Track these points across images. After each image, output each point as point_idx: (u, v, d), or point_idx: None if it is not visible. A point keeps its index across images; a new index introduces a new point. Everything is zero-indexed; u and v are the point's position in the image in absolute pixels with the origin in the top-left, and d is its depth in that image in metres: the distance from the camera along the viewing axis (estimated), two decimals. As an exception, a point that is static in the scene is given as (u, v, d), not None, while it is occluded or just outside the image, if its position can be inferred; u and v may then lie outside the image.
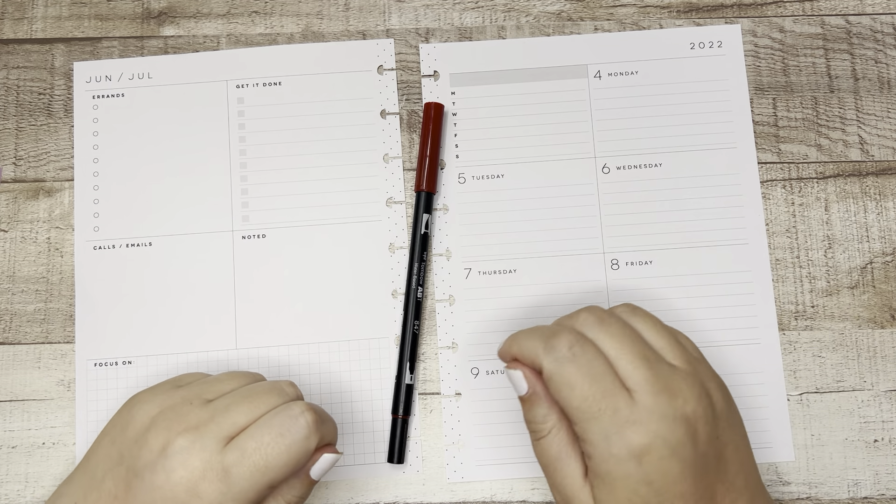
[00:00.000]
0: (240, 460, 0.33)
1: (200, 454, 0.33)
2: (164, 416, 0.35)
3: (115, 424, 0.36)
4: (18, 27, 0.48)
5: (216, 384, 0.37)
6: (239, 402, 0.35)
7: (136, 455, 0.34)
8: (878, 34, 0.47)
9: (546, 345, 0.34)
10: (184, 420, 0.34)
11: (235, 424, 0.34)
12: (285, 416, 0.34)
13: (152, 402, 0.36)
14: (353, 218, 0.46)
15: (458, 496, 0.43)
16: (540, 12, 0.48)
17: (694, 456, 0.33)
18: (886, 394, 0.44)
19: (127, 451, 0.35)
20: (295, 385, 0.37)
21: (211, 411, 0.35)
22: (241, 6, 0.48)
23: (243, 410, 0.35)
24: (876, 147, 0.46)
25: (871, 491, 0.43)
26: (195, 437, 0.34)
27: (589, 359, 0.33)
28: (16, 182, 0.46)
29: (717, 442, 0.34)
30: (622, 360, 0.33)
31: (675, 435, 0.32)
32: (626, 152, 0.46)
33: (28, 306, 0.45)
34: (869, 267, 0.45)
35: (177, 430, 0.34)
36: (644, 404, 0.33)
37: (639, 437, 0.32)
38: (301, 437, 0.34)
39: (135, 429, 0.35)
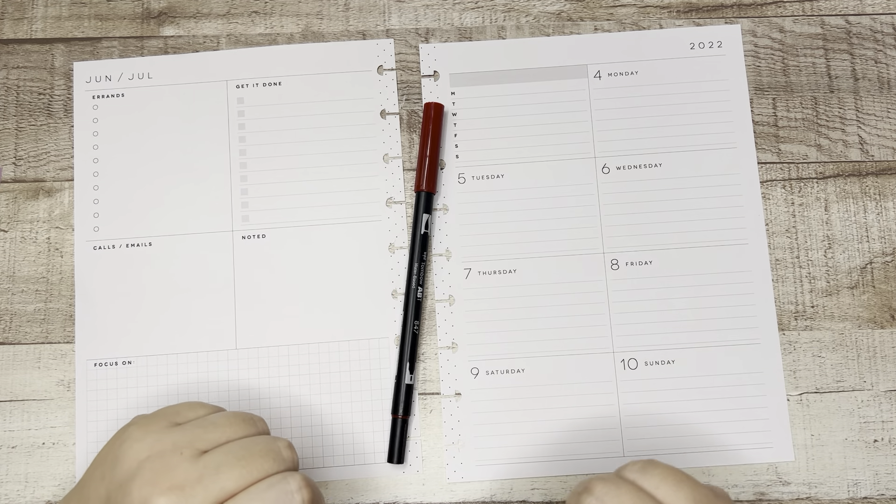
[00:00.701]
0: None
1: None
2: (152, 464, 0.33)
3: (107, 458, 0.35)
4: (18, 27, 0.48)
5: (212, 430, 0.34)
6: (231, 463, 0.32)
7: (121, 500, 0.32)
8: (878, 34, 0.47)
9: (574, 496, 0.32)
10: (169, 476, 0.32)
11: (224, 490, 0.32)
12: (280, 490, 0.32)
13: (142, 441, 0.34)
14: (353, 218, 0.46)
15: (458, 496, 0.43)
16: (540, 12, 0.48)
17: None
18: (886, 394, 0.44)
19: (113, 496, 0.33)
20: (293, 448, 0.35)
21: (200, 469, 0.32)
22: (241, 6, 0.48)
23: (234, 475, 0.32)
24: (876, 147, 0.46)
25: (870, 491, 0.43)
26: (179, 499, 0.31)
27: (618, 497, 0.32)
28: (16, 182, 0.46)
29: None
30: None
31: None
32: (626, 152, 0.46)
33: (28, 306, 0.45)
34: (869, 267, 0.45)
35: (161, 489, 0.32)
36: None
37: None
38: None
39: (122, 471, 0.33)
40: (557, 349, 0.44)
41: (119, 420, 0.44)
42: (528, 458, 0.43)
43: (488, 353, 0.44)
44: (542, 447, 0.43)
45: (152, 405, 0.43)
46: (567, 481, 0.43)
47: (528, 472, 0.43)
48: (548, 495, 0.43)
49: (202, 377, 0.44)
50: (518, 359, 0.44)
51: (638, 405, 0.44)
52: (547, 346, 0.44)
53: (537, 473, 0.43)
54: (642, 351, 0.44)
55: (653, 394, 0.44)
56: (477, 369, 0.44)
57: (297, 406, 0.44)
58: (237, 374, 0.44)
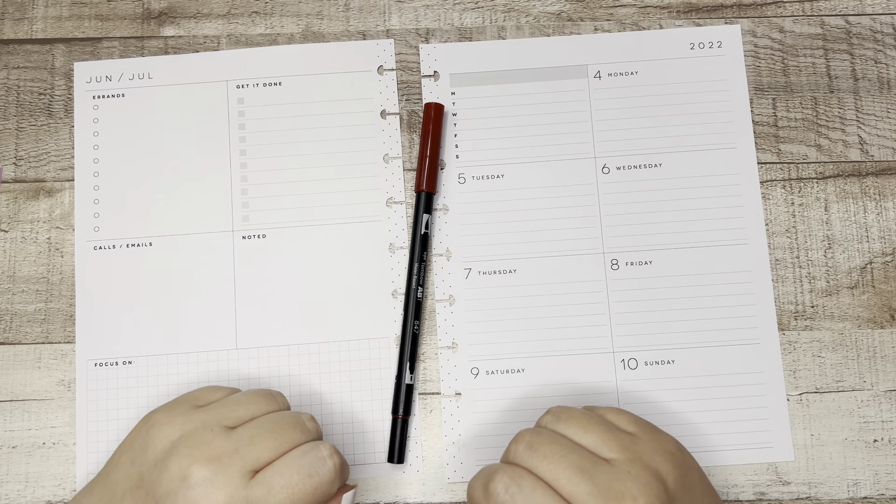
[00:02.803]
0: (265, 497, 0.33)
1: (224, 487, 0.33)
2: (185, 442, 0.34)
3: (134, 444, 0.36)
4: (18, 27, 0.48)
5: (236, 408, 0.36)
6: (263, 435, 0.34)
7: (156, 480, 0.34)
8: (878, 34, 0.47)
9: (485, 491, 0.34)
10: (206, 449, 0.34)
11: (259, 459, 0.34)
12: (314, 457, 0.34)
13: (171, 424, 0.35)
14: (353, 218, 0.46)
15: (458, 496, 0.43)
16: (540, 12, 0.48)
17: None
18: (886, 394, 0.44)
19: (147, 475, 0.34)
20: (315, 420, 0.37)
21: (234, 442, 0.34)
22: (241, 6, 0.48)
23: (268, 446, 0.34)
24: (876, 147, 0.46)
25: (870, 491, 0.43)
26: (218, 468, 0.33)
27: (526, 495, 0.33)
28: (16, 182, 0.46)
29: None
30: (561, 480, 0.33)
31: None
32: (626, 152, 0.46)
33: (28, 306, 0.45)
34: (869, 267, 0.45)
35: (199, 460, 0.33)
36: None
37: None
38: (328, 480, 0.34)
39: (154, 452, 0.35)
40: (557, 349, 0.44)
41: (119, 420, 0.44)
42: (528, 457, 0.43)
43: (488, 353, 0.44)
44: (542, 447, 0.43)
45: (152, 405, 0.43)
46: (567, 481, 0.43)
47: (528, 472, 0.43)
48: (548, 495, 0.43)
49: (202, 377, 0.44)
50: (518, 359, 0.44)
51: (638, 405, 0.44)
52: (547, 346, 0.44)
53: (537, 473, 0.43)
54: (642, 351, 0.44)
55: (653, 394, 0.44)
56: (477, 369, 0.44)
57: (298, 406, 0.44)
58: (237, 374, 0.44)
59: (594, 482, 0.33)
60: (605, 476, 0.33)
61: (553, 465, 0.33)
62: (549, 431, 0.35)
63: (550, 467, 0.33)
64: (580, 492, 0.32)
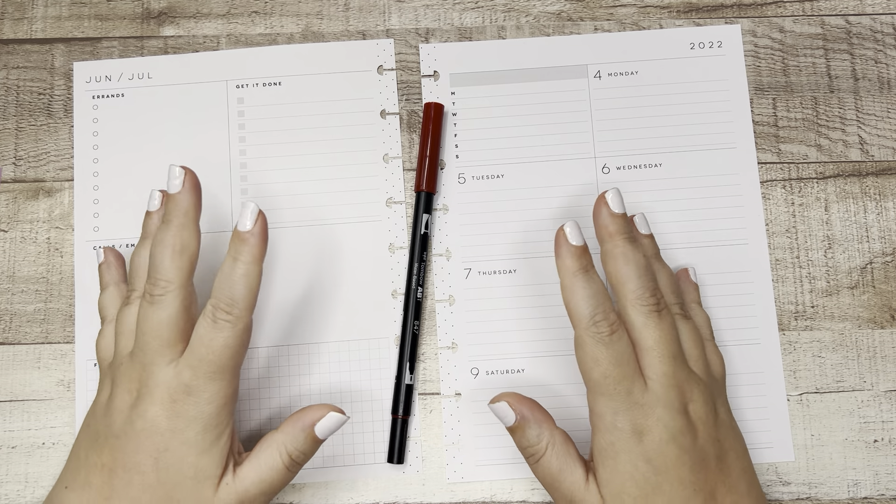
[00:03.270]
0: (194, 374, 0.36)
1: (158, 388, 0.36)
2: (115, 384, 0.37)
3: (87, 415, 0.39)
4: (18, 27, 0.48)
5: (122, 339, 0.38)
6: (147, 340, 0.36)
7: (109, 423, 0.37)
8: (878, 34, 0.47)
9: (591, 319, 0.37)
10: (129, 378, 0.37)
11: (164, 355, 0.36)
12: (207, 324, 0.36)
13: (104, 385, 0.39)
14: (353, 218, 0.46)
15: (458, 496, 0.43)
16: (540, 12, 0.48)
17: (693, 447, 0.36)
18: (886, 394, 0.44)
19: (101, 425, 0.37)
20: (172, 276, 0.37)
21: (139, 359, 0.37)
22: (241, 6, 0.48)
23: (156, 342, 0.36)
24: (876, 147, 0.46)
25: (870, 491, 0.43)
26: (144, 381, 0.36)
27: (622, 347, 0.36)
28: (16, 182, 0.46)
29: (717, 444, 0.37)
30: (653, 353, 0.37)
31: (675, 423, 0.36)
32: (626, 152, 0.46)
33: (28, 306, 0.45)
34: (869, 267, 0.45)
35: (129, 388, 0.36)
36: (655, 392, 0.36)
37: (642, 417, 0.36)
38: (229, 331, 0.36)
39: (101, 407, 0.38)
40: (557, 349, 0.44)
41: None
42: (528, 458, 0.43)
43: (488, 353, 0.44)
44: (542, 447, 0.43)
45: (152, 405, 0.43)
46: (567, 481, 0.43)
47: (528, 472, 0.43)
48: (547, 495, 0.43)
49: (202, 377, 0.44)
50: (518, 359, 0.44)
51: (638, 405, 0.44)
52: (547, 346, 0.44)
53: (537, 473, 0.43)
54: (642, 351, 0.44)
55: (653, 394, 0.44)
56: (477, 369, 0.44)
57: (298, 406, 0.44)
58: (237, 374, 0.44)
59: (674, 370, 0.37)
60: (684, 374, 0.37)
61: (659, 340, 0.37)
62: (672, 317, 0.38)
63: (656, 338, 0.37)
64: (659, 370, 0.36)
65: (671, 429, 0.36)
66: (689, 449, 0.36)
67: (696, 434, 0.36)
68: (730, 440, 0.38)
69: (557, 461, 0.37)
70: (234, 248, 0.37)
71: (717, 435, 0.37)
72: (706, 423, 0.37)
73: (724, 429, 0.38)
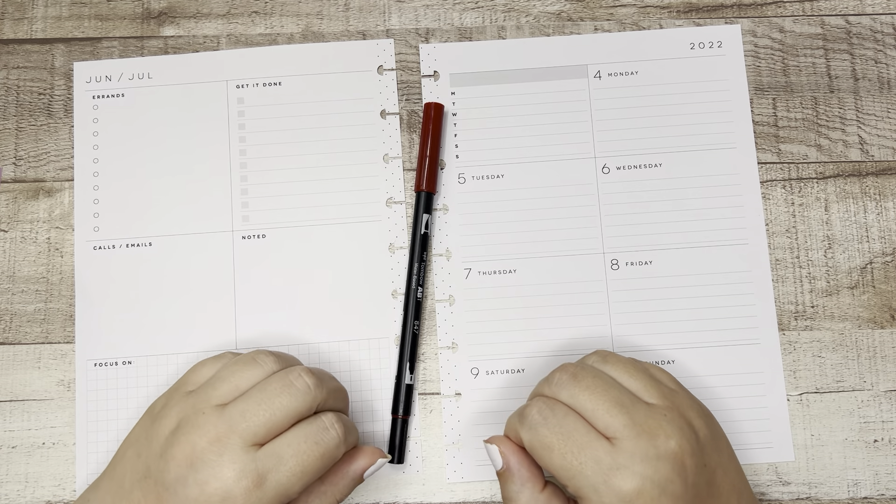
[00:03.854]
0: (276, 466, 0.34)
1: (231, 464, 0.34)
2: (183, 429, 0.35)
3: (139, 437, 0.37)
4: (18, 27, 0.48)
5: (221, 385, 0.36)
6: (252, 408, 0.35)
7: (163, 469, 0.34)
8: (878, 34, 0.47)
9: (520, 416, 0.36)
10: (204, 432, 0.34)
11: (256, 432, 0.34)
12: (318, 427, 0.35)
13: (168, 414, 0.36)
14: (353, 218, 0.46)
15: (458, 496, 0.43)
16: (540, 12, 0.48)
17: (684, 489, 0.33)
18: (886, 394, 0.44)
19: (154, 465, 0.35)
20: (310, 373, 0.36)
21: (227, 420, 0.35)
22: (241, 6, 0.48)
23: (260, 417, 0.35)
24: (876, 147, 0.46)
25: (870, 491, 0.43)
26: (220, 448, 0.34)
27: (559, 418, 0.35)
28: (16, 182, 0.46)
29: (705, 470, 0.35)
30: (599, 411, 0.34)
31: (661, 473, 0.33)
32: (626, 152, 0.46)
33: (28, 306, 0.45)
34: (869, 267, 0.45)
35: (200, 443, 0.34)
36: (626, 449, 0.33)
37: (626, 481, 0.33)
38: (334, 446, 0.36)
39: (158, 443, 0.35)
40: (557, 349, 0.44)
41: (119, 420, 0.44)
42: (528, 458, 0.43)
43: (488, 353, 0.44)
44: (542, 447, 0.43)
45: (152, 405, 0.43)
46: (567, 481, 0.43)
47: (528, 472, 0.43)
48: (548, 495, 0.43)
49: (202, 377, 0.44)
50: (518, 359, 0.44)
51: (638, 405, 0.44)
52: (547, 346, 0.44)
53: (537, 473, 0.43)
54: (642, 351, 0.44)
55: (653, 394, 0.44)
56: (477, 369, 0.44)
57: (297, 406, 0.44)
58: (237, 374, 0.44)
59: (631, 416, 0.34)
60: (643, 413, 0.34)
61: (594, 397, 0.35)
62: (593, 367, 0.37)
63: (591, 398, 0.35)
64: (616, 424, 0.34)
65: (658, 482, 0.33)
66: (681, 495, 0.33)
67: (684, 473, 0.33)
68: (714, 457, 0.35)
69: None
70: None
71: (703, 459, 0.35)
72: (690, 452, 0.34)
73: (708, 447, 0.35)
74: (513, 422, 0.37)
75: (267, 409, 0.35)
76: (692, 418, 0.36)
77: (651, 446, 0.33)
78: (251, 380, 0.36)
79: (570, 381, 0.35)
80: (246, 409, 0.35)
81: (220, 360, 0.39)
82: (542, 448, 0.34)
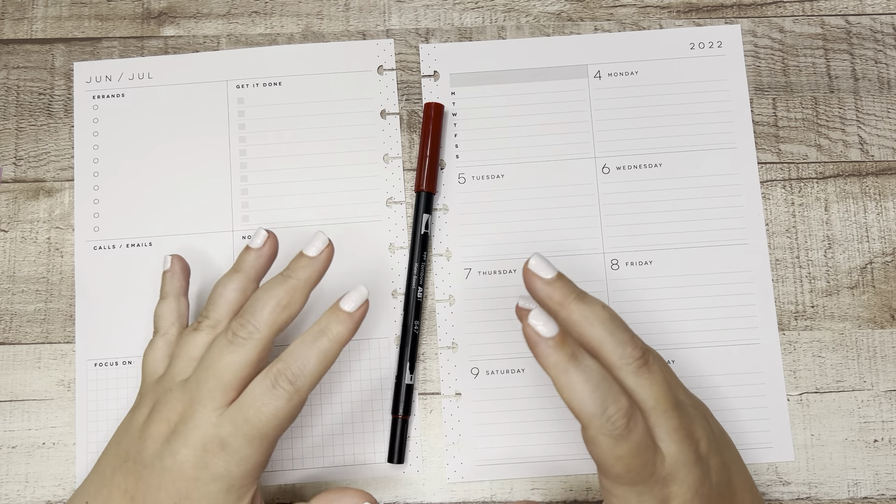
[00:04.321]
0: (233, 432, 0.35)
1: (195, 431, 0.35)
2: (157, 409, 0.36)
3: (120, 431, 0.38)
4: (18, 27, 0.48)
5: (179, 361, 0.37)
6: (205, 373, 0.36)
7: (141, 449, 0.36)
8: (878, 34, 0.47)
9: (602, 415, 0.32)
10: (172, 407, 0.36)
11: (215, 398, 0.35)
12: (265, 386, 0.35)
13: (144, 402, 0.38)
14: (353, 218, 0.46)
15: (458, 496, 0.43)
16: (540, 12, 0.48)
17: (710, 490, 0.34)
18: (886, 394, 0.44)
19: (133, 448, 0.36)
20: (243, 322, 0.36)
21: (188, 391, 0.36)
22: (241, 6, 0.48)
23: (212, 381, 0.35)
24: (876, 147, 0.46)
25: (870, 491, 0.43)
26: (187, 418, 0.35)
27: (640, 432, 0.32)
28: (16, 182, 0.46)
29: (724, 468, 0.35)
30: (657, 410, 0.34)
31: (694, 476, 0.33)
32: (626, 152, 0.46)
33: (28, 306, 0.45)
34: (869, 267, 0.45)
35: (173, 419, 0.36)
36: (672, 456, 0.33)
37: (665, 487, 0.33)
38: (284, 402, 0.35)
39: (136, 427, 0.37)
40: (557, 349, 0.44)
41: (119, 420, 0.44)
42: (528, 458, 0.43)
43: (488, 353, 0.44)
44: (542, 447, 0.43)
45: (152, 405, 0.43)
46: (567, 481, 0.43)
47: (528, 472, 0.43)
48: (548, 495, 0.43)
49: (202, 377, 0.44)
50: (518, 359, 0.44)
51: (638, 405, 0.44)
52: (547, 346, 0.44)
53: (537, 473, 0.43)
54: (642, 351, 0.44)
55: (653, 394, 0.44)
56: (477, 369, 0.44)
57: (297, 406, 0.44)
58: (237, 374, 0.44)
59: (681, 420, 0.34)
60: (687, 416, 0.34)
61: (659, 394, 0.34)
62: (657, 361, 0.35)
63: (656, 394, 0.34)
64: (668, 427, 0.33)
65: (692, 485, 0.33)
66: (707, 494, 0.34)
67: (709, 473, 0.34)
68: (727, 453, 0.36)
69: None
70: (326, 321, 0.36)
71: (721, 457, 0.35)
72: (713, 452, 0.35)
73: (721, 444, 0.36)
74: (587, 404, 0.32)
75: (215, 373, 0.35)
76: (707, 415, 0.37)
77: (691, 452, 0.34)
78: (201, 346, 0.37)
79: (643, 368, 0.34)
80: (199, 377, 0.36)
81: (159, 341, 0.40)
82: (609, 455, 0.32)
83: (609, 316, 0.35)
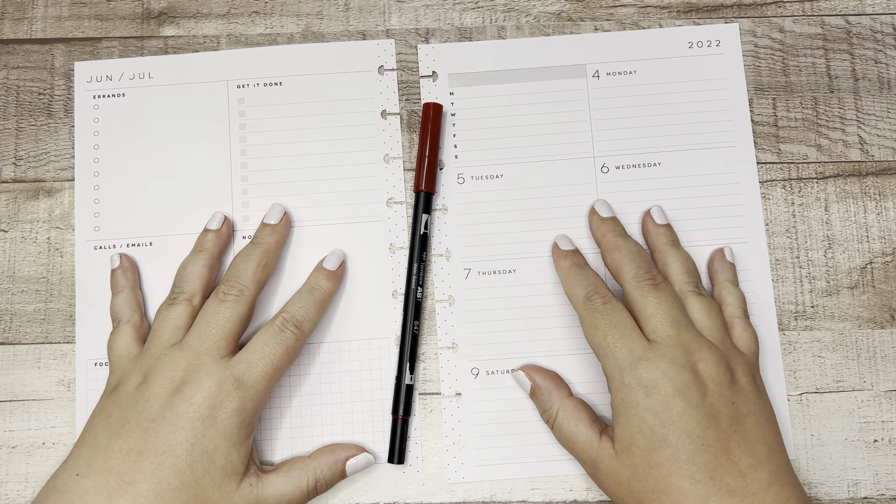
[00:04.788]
0: (249, 370, 0.39)
1: (209, 376, 0.38)
2: (153, 372, 0.39)
3: (107, 403, 0.39)
4: (18, 27, 0.48)
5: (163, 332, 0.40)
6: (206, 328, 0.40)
7: (144, 408, 0.38)
8: (878, 34, 0.47)
9: (585, 297, 0.41)
10: (174, 365, 0.39)
11: (220, 348, 0.39)
12: (274, 331, 0.40)
13: (131, 374, 0.40)
14: (353, 218, 0.46)
15: (458, 496, 0.43)
16: (540, 12, 0.48)
17: (701, 402, 0.37)
18: (886, 394, 0.44)
19: (132, 411, 0.38)
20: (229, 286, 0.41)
21: (189, 349, 0.39)
22: (241, 6, 0.48)
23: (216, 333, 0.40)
24: (876, 147, 0.46)
25: (870, 491, 0.43)
26: (195, 369, 0.38)
27: (617, 313, 0.39)
28: (16, 182, 0.46)
29: (732, 406, 0.37)
30: (654, 318, 0.39)
31: (681, 377, 0.37)
32: (625, 152, 0.46)
33: (28, 306, 0.45)
34: (869, 267, 0.45)
35: (177, 374, 0.38)
36: (658, 349, 0.38)
37: (647, 372, 0.37)
38: (293, 341, 0.40)
39: (128, 395, 0.39)
40: (558, 349, 0.44)
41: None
42: (528, 458, 0.43)
43: (488, 353, 0.44)
44: (543, 447, 0.43)
45: (152, 405, 0.43)
46: (567, 481, 0.43)
47: (528, 472, 0.43)
48: (548, 495, 0.43)
49: (202, 377, 0.44)
50: (518, 359, 0.44)
51: (638, 405, 0.44)
52: (547, 346, 0.44)
53: (537, 473, 0.43)
54: (642, 351, 0.44)
55: (653, 394, 0.44)
56: (477, 369, 0.44)
57: (298, 406, 0.44)
58: (237, 373, 0.44)
59: (678, 332, 0.38)
60: (691, 337, 0.39)
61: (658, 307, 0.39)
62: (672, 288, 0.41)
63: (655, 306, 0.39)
64: (662, 332, 0.38)
65: (676, 382, 0.37)
66: (696, 404, 0.37)
67: (705, 391, 0.37)
68: (749, 406, 0.38)
69: (568, 424, 0.40)
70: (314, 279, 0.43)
71: (733, 398, 0.37)
72: (718, 383, 0.37)
73: (743, 395, 0.38)
74: (577, 294, 0.41)
75: (216, 327, 0.40)
76: (738, 371, 0.39)
77: (682, 356, 0.38)
78: (183, 316, 0.41)
79: (650, 287, 0.40)
80: (201, 333, 0.40)
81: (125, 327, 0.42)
82: (589, 325, 0.40)
83: (636, 249, 0.42)
